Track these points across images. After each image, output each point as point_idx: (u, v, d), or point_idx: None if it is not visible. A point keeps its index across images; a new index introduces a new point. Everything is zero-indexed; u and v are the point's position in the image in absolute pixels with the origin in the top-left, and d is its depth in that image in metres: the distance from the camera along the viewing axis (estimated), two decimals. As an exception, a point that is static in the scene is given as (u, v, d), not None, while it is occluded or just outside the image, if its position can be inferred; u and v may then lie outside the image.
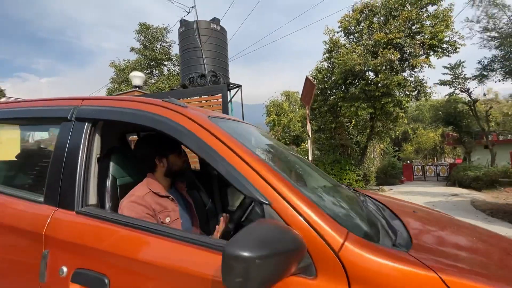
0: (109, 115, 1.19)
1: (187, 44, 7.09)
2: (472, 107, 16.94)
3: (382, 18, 12.37)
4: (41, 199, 1.16)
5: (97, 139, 1.21)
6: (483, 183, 12.65)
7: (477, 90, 34.09)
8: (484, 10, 13.12)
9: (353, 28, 13.03)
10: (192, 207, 1.51)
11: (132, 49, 18.08)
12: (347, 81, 12.33)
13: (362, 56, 11.34)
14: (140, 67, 18.11)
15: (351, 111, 11.78)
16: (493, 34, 13.53)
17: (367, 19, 12.65)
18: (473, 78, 15.69)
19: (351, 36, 13.42)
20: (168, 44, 18.30)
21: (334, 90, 13.30)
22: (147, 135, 1.43)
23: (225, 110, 4.05)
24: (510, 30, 12.54)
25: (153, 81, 18.25)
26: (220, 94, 4.01)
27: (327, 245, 0.79)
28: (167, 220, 1.26)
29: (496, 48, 13.61)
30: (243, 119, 8.47)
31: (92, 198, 1.15)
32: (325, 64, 13.95)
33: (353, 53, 11.78)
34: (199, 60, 6.91)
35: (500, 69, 13.76)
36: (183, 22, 7.32)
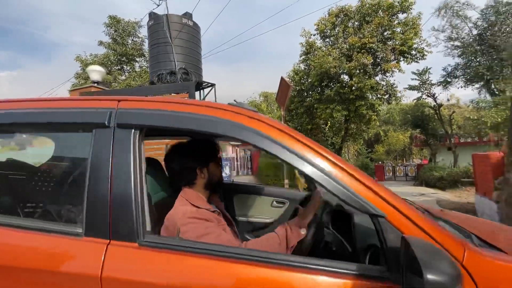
0: (163, 121, 0.92)
1: (156, 39, 6.65)
2: (437, 111, 17.94)
3: (356, 23, 12.67)
4: (80, 230, 0.87)
5: (143, 150, 0.94)
6: (447, 182, 13.39)
7: (442, 95, 36.36)
8: (448, 20, 13.91)
9: (329, 31, 13.21)
10: (231, 221, 1.28)
11: (101, 43, 16.95)
12: (323, 83, 12.46)
13: (337, 59, 11.51)
14: (109, 63, 17.01)
15: (326, 113, 11.91)
16: (456, 43, 14.42)
17: (343, 23, 12.89)
18: (438, 84, 16.62)
19: (327, 39, 13.61)
20: (140, 39, 17.38)
21: (310, 92, 13.40)
22: (185, 143, 1.22)
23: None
24: (471, 40, 13.41)
25: (123, 77, 17.22)
26: (187, 93, 3.70)
27: (452, 256, 0.74)
28: None
29: (459, 56, 14.53)
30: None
31: (149, 224, 0.89)
32: (302, 66, 14.04)
33: (329, 56, 11.92)
34: (169, 56, 6.50)
35: (462, 76, 14.68)
36: (152, 15, 6.85)
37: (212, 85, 7.57)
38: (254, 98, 26.48)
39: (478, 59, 13.68)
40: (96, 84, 4.31)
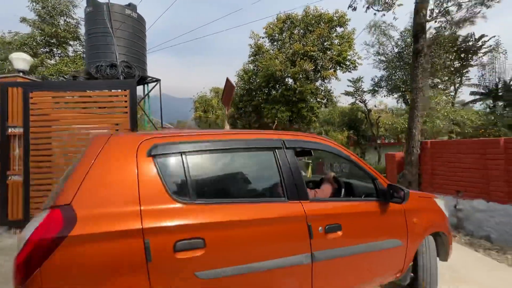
0: (303, 145, 2.19)
1: (95, 28, 6.23)
2: (367, 116, 20.54)
3: (301, 31, 13.68)
4: (284, 199, 1.86)
5: (296, 158, 2.06)
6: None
7: (372, 101, 41.29)
8: (376, 37, 16.06)
9: (277, 35, 13.96)
10: None
11: (24, 20, 14.61)
12: (269, 85, 13.16)
13: (283, 63, 12.30)
14: (34, 43, 14.82)
15: (272, 113, 12.64)
16: (382, 58, 16.77)
17: (289, 30, 13.77)
18: (368, 91, 19.06)
19: (275, 43, 14.36)
20: (75, 21, 15.53)
21: (258, 92, 13.99)
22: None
23: (133, 108, 3.76)
24: (393, 56, 15.75)
25: (53, 61, 15.18)
26: (128, 90, 3.70)
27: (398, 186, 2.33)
28: None
29: (384, 69, 16.94)
30: (161, 116, 7.95)
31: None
32: (251, 66, 14.52)
33: (276, 59, 12.65)
34: (110, 48, 6.19)
35: (385, 87, 17.14)
36: (91, 1, 6.39)
37: (157, 80, 7.43)
38: (205, 93, 26.11)
39: (397, 73, 16.17)
40: (21, 74, 3.91)
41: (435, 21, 6.01)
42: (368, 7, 6.37)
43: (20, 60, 3.91)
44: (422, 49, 5.98)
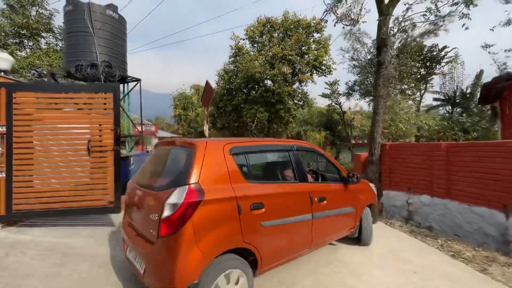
0: (303, 148, 3.39)
1: (75, 27, 6.28)
2: (342, 117, 21.61)
3: (281, 35, 14.20)
4: (297, 181, 3.02)
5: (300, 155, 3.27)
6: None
7: (347, 104, 43.08)
8: (351, 44, 17.00)
9: (257, 37, 14.38)
10: None
11: (-9, 7, 13.82)
12: (249, 85, 13.56)
13: (262, 65, 12.75)
14: (3, 34, 14.09)
15: (251, 113, 13.06)
16: (356, 63, 17.78)
17: (269, 33, 14.24)
18: (343, 94, 20.10)
19: (255, 45, 14.77)
20: (49, 12, 14.91)
21: (238, 92, 14.34)
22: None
23: (116, 110, 3.99)
24: (365, 63, 16.78)
25: (23, 54, 14.50)
26: (112, 93, 3.92)
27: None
28: None
29: (357, 74, 17.98)
30: (141, 115, 8.13)
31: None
32: (232, 67, 14.83)
33: (255, 61, 13.07)
34: (90, 47, 6.27)
35: (358, 91, 18.21)
36: (70, 1, 6.42)
37: (138, 80, 7.57)
38: (185, 90, 25.94)
39: (369, 79, 17.25)
40: (2, 74, 3.98)
41: (394, 37, 6.72)
42: (337, 22, 6.98)
43: (2, 60, 3.99)
44: (383, 61, 6.69)
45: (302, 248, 2.97)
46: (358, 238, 4.00)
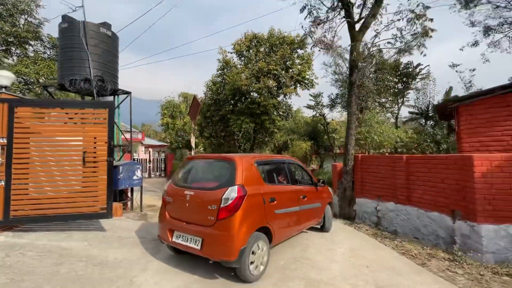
0: (291, 161, 5.01)
1: (70, 43, 6.67)
2: (325, 127, 22.56)
3: (266, 50, 14.98)
4: (290, 184, 4.55)
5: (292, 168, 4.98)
6: (328, 184, 17.26)
7: (331, 115, 44.49)
8: (333, 59, 18.08)
9: (244, 51, 15.10)
10: None
11: (-22, 15, 13.82)
12: (236, 97, 14.16)
13: (249, 79, 13.42)
14: (-10, 41, 14.08)
15: (237, 123, 13.62)
16: (337, 77, 18.85)
17: (255, 47, 15.00)
18: (327, 106, 21.09)
19: (242, 58, 15.48)
20: (38, 21, 15.05)
21: (225, 103, 14.90)
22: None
23: (111, 124, 4.41)
24: (346, 77, 17.83)
25: (11, 61, 14.50)
26: (107, 109, 4.35)
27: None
28: None
29: (339, 88, 19.04)
30: (130, 125, 8.47)
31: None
32: (219, 79, 15.43)
33: (242, 74, 13.73)
34: (84, 62, 6.67)
35: (340, 103, 19.22)
36: (66, 18, 6.82)
37: (128, 93, 7.98)
38: (173, 98, 26.20)
39: (350, 92, 18.28)
40: (4, 90, 4.33)
41: (364, 60, 7.52)
42: (313, 46, 7.73)
43: (3, 77, 4.35)
44: (354, 81, 7.46)
45: (294, 230, 4.41)
46: (322, 227, 5.73)
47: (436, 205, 5.34)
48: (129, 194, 7.72)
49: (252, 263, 3.27)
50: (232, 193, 3.22)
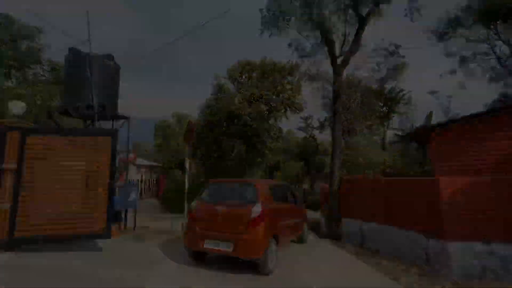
0: (286, 185, 7.55)
1: (75, 73, 7.23)
2: (316, 149, 23.28)
3: (258, 75, 15.91)
4: (286, 203, 6.16)
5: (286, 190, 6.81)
6: (318, 204, 17.57)
7: (322, 136, 45.60)
8: (321, 83, 19.16)
9: (238, 77, 15.99)
10: None
11: (-19, 39, 14.37)
12: (228, 120, 14.79)
13: (241, 103, 14.14)
14: (-9, 64, 14.53)
15: (230, 145, 14.13)
16: (327, 101, 19.86)
17: (248, 73, 15.93)
18: (316, 128, 21.96)
19: (235, 83, 16.33)
20: (39, 46, 15.68)
21: (218, 125, 15.48)
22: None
23: (114, 151, 4.83)
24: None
25: (10, 84, 14.91)
26: (110, 137, 4.78)
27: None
28: None
29: (328, 111, 20.00)
30: (128, 147, 8.84)
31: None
32: (213, 102, 16.13)
33: (235, 98, 14.47)
34: (87, 90, 7.18)
35: (329, 125, 20.08)
36: (72, 50, 7.42)
37: (126, 118, 8.46)
38: (167, 118, 26.74)
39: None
40: (17, 119, 4.73)
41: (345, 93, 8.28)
42: (299, 78, 8.54)
43: (16, 107, 4.79)
44: (338, 109, 8.18)
45: (288, 238, 5.73)
46: (301, 241, 6.89)
47: (413, 224, 5.81)
48: (122, 214, 7.93)
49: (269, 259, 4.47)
50: (257, 208, 4.40)
